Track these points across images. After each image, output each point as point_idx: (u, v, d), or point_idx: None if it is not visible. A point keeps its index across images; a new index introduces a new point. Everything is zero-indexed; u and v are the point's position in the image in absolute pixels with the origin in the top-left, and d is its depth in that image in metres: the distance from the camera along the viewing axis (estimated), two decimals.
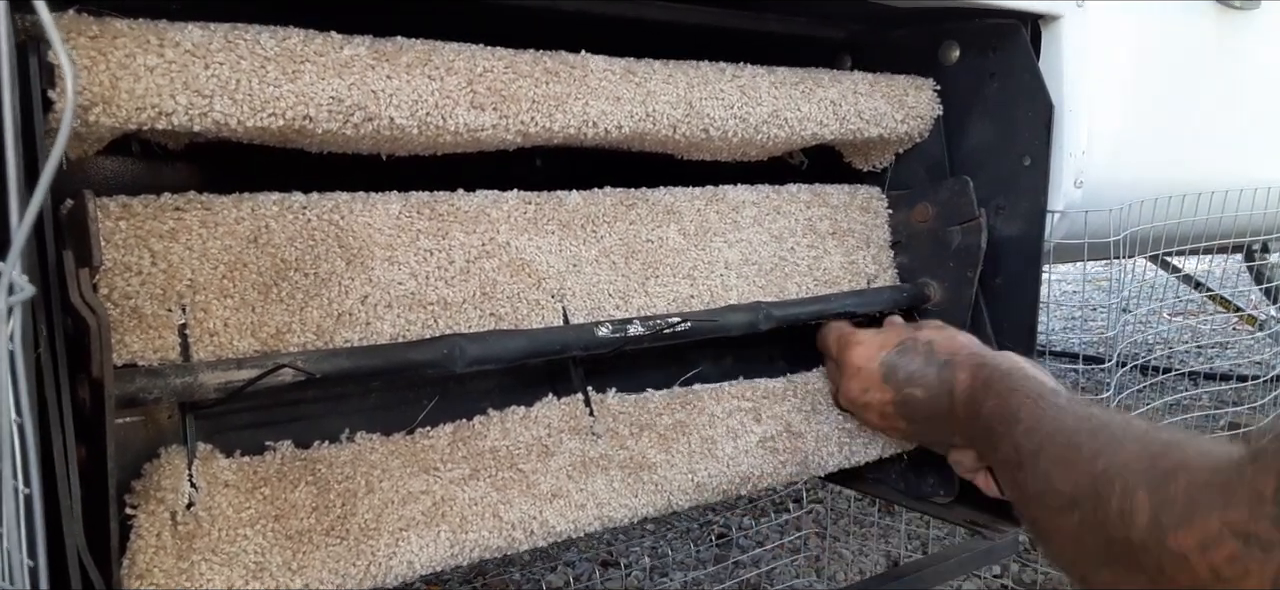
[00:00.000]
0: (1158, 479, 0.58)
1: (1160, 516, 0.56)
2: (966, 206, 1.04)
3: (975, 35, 1.05)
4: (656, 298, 0.93)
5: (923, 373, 0.90)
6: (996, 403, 0.81)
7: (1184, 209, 1.22)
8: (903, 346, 0.92)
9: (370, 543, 0.73)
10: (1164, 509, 0.56)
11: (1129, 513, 0.59)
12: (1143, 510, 0.58)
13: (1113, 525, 0.60)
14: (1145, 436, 0.65)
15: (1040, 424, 0.74)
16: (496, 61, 0.79)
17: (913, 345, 0.92)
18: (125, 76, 0.63)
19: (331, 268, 0.77)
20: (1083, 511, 0.64)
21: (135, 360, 0.68)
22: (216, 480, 0.71)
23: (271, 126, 0.69)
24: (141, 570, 0.65)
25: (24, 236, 0.32)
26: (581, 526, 0.83)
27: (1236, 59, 1.29)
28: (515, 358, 0.81)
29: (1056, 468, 0.69)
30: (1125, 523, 0.59)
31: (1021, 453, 0.74)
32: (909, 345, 0.92)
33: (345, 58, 0.72)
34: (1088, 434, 0.68)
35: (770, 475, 0.94)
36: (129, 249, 0.69)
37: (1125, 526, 0.59)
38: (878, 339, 0.95)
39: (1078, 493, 0.65)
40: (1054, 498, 0.68)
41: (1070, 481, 0.66)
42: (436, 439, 0.83)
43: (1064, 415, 0.73)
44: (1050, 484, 0.69)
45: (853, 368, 0.95)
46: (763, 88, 0.94)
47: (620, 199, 0.94)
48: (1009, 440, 0.76)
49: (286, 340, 0.74)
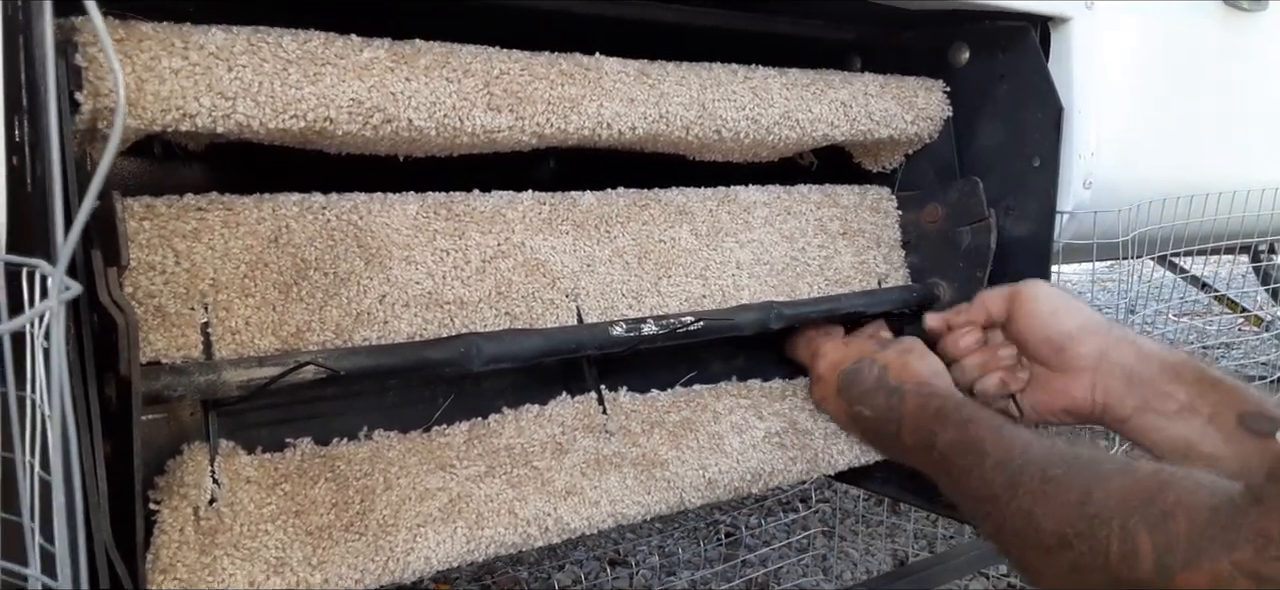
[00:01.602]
0: (1156, 519, 0.59)
1: (1164, 559, 0.57)
2: (976, 207, 1.05)
3: (985, 37, 1.06)
4: (669, 297, 0.94)
5: (872, 394, 0.91)
6: (955, 434, 0.81)
7: (1192, 210, 1.23)
8: (856, 365, 0.93)
9: (388, 538, 0.74)
10: (1168, 551, 0.57)
11: (1131, 556, 0.60)
12: (1146, 553, 0.59)
13: (1115, 567, 0.61)
14: (1127, 470, 0.65)
15: (1011, 456, 0.74)
16: (513, 64, 0.80)
17: (868, 365, 0.93)
18: (151, 79, 0.64)
19: (350, 267, 0.78)
20: (1077, 554, 0.64)
21: (159, 358, 0.69)
22: (238, 476, 0.72)
23: (293, 128, 0.70)
24: (165, 565, 0.66)
25: (75, 238, 0.33)
26: (596, 523, 0.84)
27: (1244, 60, 1.30)
28: (531, 357, 0.82)
29: (1038, 504, 0.69)
30: (1129, 565, 0.60)
31: (994, 486, 0.74)
32: (865, 365, 0.93)
33: (365, 60, 0.73)
34: (1063, 466, 0.69)
35: (781, 471, 0.95)
36: (153, 249, 0.70)
37: (1130, 569, 0.59)
38: (841, 350, 0.97)
39: (1070, 533, 0.65)
40: (1040, 536, 0.68)
41: (1056, 520, 0.66)
42: (453, 437, 0.84)
43: (1032, 447, 0.74)
44: (1033, 522, 0.69)
45: (816, 375, 0.98)
46: (774, 89, 0.95)
47: (633, 199, 0.95)
48: (976, 473, 0.77)
49: (306, 339, 0.75)
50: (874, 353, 0.94)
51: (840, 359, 0.95)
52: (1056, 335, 0.88)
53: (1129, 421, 0.85)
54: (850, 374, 0.94)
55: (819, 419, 1.01)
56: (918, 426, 0.86)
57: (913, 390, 0.88)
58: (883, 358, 0.93)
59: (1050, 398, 0.91)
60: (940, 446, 0.83)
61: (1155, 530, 0.59)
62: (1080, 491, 0.66)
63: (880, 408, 0.90)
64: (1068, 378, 0.89)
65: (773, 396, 1.02)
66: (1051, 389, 0.90)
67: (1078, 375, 0.88)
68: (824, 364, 0.97)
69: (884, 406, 0.90)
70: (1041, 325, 0.89)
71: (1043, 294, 0.91)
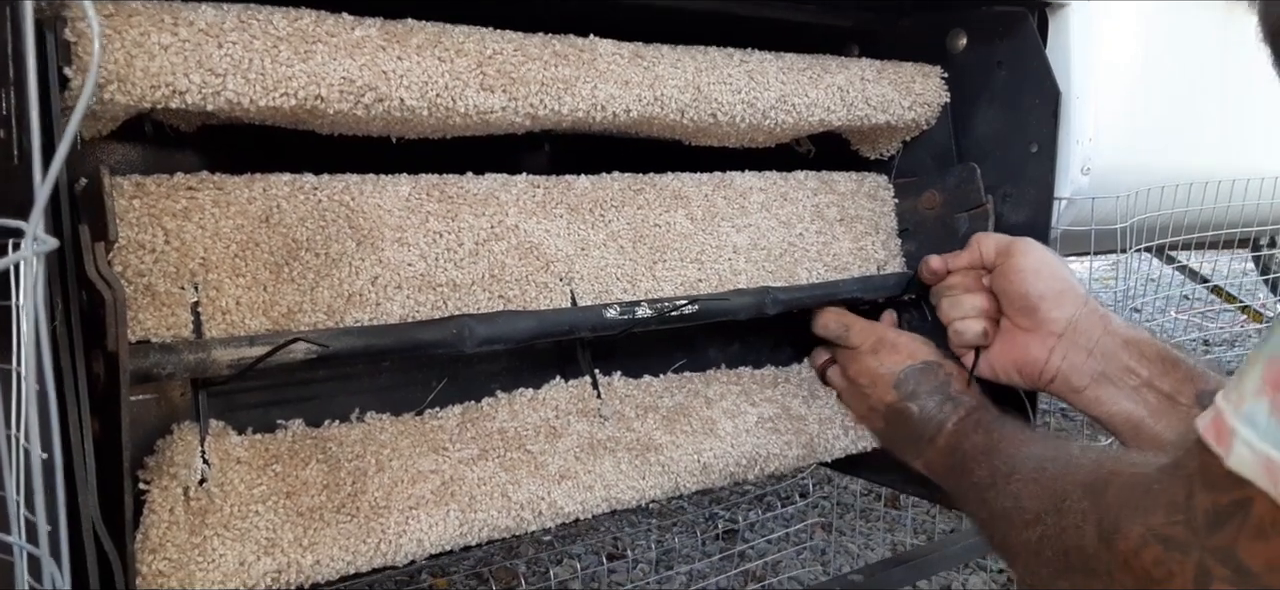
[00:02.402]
0: (1097, 489, 0.62)
1: (1103, 525, 0.60)
2: (974, 193, 1.04)
3: (983, 23, 1.05)
4: (664, 281, 0.93)
5: (928, 396, 0.94)
6: (982, 438, 0.86)
7: (1191, 198, 1.22)
8: (928, 366, 0.96)
9: (380, 520, 0.74)
10: (1104, 517, 0.60)
11: (1079, 525, 0.62)
12: (1090, 520, 0.61)
13: (1068, 535, 0.64)
14: (1099, 455, 0.69)
15: (1017, 452, 0.79)
16: (506, 44, 0.80)
17: (936, 369, 0.95)
18: (140, 55, 0.63)
19: (342, 248, 0.78)
20: (1045, 526, 0.68)
21: (149, 337, 0.68)
22: (229, 457, 0.71)
23: (284, 106, 0.70)
24: (155, 544, 0.65)
25: (47, 190, 0.33)
26: (590, 508, 0.84)
27: (1245, 47, 1.29)
28: (523, 338, 0.81)
29: (1026, 487, 0.73)
30: (1078, 533, 0.62)
31: (996, 475, 0.78)
32: (933, 368, 0.96)
33: (356, 39, 0.72)
34: (1051, 459, 0.73)
35: (777, 457, 0.95)
36: (143, 227, 0.70)
37: (1079, 536, 0.62)
38: (912, 347, 0.98)
39: (1042, 509, 0.69)
40: (1020, 515, 0.72)
41: (1037, 499, 0.70)
42: (445, 420, 0.84)
43: (1038, 445, 0.78)
44: (1018, 503, 0.73)
45: (877, 360, 0.97)
46: (770, 73, 0.95)
47: (628, 184, 0.95)
48: (985, 466, 0.81)
49: (298, 320, 0.75)
50: (941, 360, 0.97)
51: (911, 353, 0.97)
52: (1033, 295, 0.92)
53: (1083, 393, 0.89)
54: (919, 370, 0.95)
55: (813, 405, 1.01)
56: (957, 432, 0.90)
57: (967, 403, 0.92)
58: (949, 367, 0.96)
59: (1007, 353, 0.94)
60: (966, 448, 0.87)
61: (1095, 500, 0.62)
62: (1057, 475, 0.70)
63: (930, 409, 0.93)
64: (1031, 337, 0.92)
65: (767, 383, 1.01)
66: (1012, 344, 0.94)
67: (1042, 338, 0.91)
68: (891, 353, 0.97)
69: (935, 411, 0.93)
70: (1022, 282, 0.92)
71: (1033, 253, 0.93)
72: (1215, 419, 0.51)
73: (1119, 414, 0.87)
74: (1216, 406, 0.51)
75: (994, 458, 0.81)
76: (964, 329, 0.96)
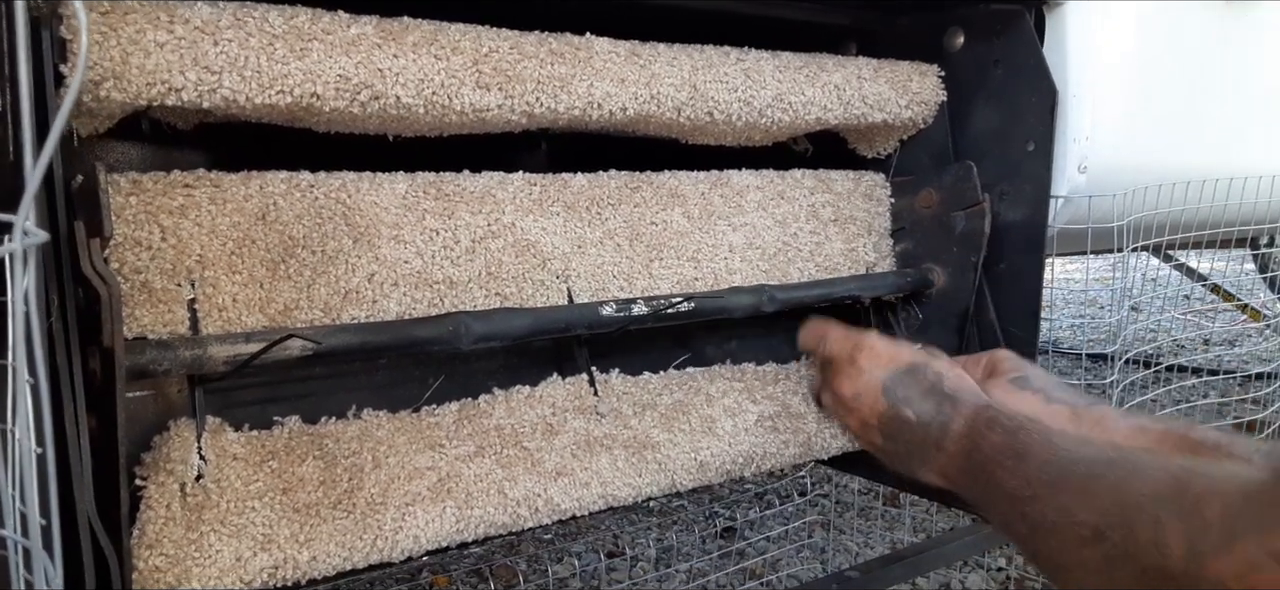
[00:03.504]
0: (1189, 506, 0.58)
1: (1196, 545, 0.56)
2: (970, 192, 1.04)
3: (980, 21, 1.05)
4: (660, 279, 0.94)
5: (922, 401, 0.88)
6: (1002, 439, 0.79)
7: (1188, 196, 1.22)
8: (913, 368, 0.90)
9: (377, 516, 0.74)
10: (1199, 537, 0.56)
11: (1162, 543, 0.58)
12: (1177, 539, 0.57)
13: (1145, 555, 0.59)
14: (1167, 464, 0.64)
15: (1056, 457, 0.72)
16: (502, 42, 0.80)
17: (923, 370, 0.90)
18: (136, 52, 0.63)
19: (339, 246, 0.78)
20: (1109, 544, 0.63)
21: (145, 334, 0.69)
22: (225, 453, 0.72)
23: (279, 104, 0.70)
24: (151, 540, 0.66)
25: (37, 180, 0.33)
26: (586, 504, 0.84)
27: (1243, 46, 1.29)
28: (520, 335, 0.82)
29: (1077, 499, 0.67)
30: (1160, 552, 0.58)
31: (1035, 485, 0.72)
32: (919, 369, 0.90)
33: (352, 36, 0.72)
34: (1105, 464, 0.67)
35: (774, 455, 0.95)
36: (139, 224, 0.70)
37: (1160, 556, 0.58)
38: (891, 350, 0.93)
39: (1104, 524, 0.64)
40: (1074, 529, 0.66)
41: (1094, 512, 0.65)
42: (442, 416, 0.84)
43: (1081, 448, 0.72)
44: (1070, 516, 0.67)
45: (857, 369, 0.93)
46: (767, 71, 0.95)
47: (625, 182, 0.95)
48: (1019, 475, 0.75)
49: (294, 317, 0.75)
50: (928, 360, 0.92)
51: (893, 357, 0.91)
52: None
53: None
54: (906, 373, 0.90)
55: (812, 403, 1.01)
56: (966, 434, 0.84)
57: (968, 399, 0.86)
58: (937, 366, 0.91)
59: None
60: (985, 449, 0.80)
61: (1188, 517, 0.57)
62: (1117, 484, 0.65)
63: (928, 413, 0.87)
64: None
65: (766, 380, 1.01)
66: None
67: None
68: (871, 358, 0.92)
69: (933, 413, 0.87)
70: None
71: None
72: None
73: None
74: None
75: (1027, 463, 0.74)
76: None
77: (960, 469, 0.84)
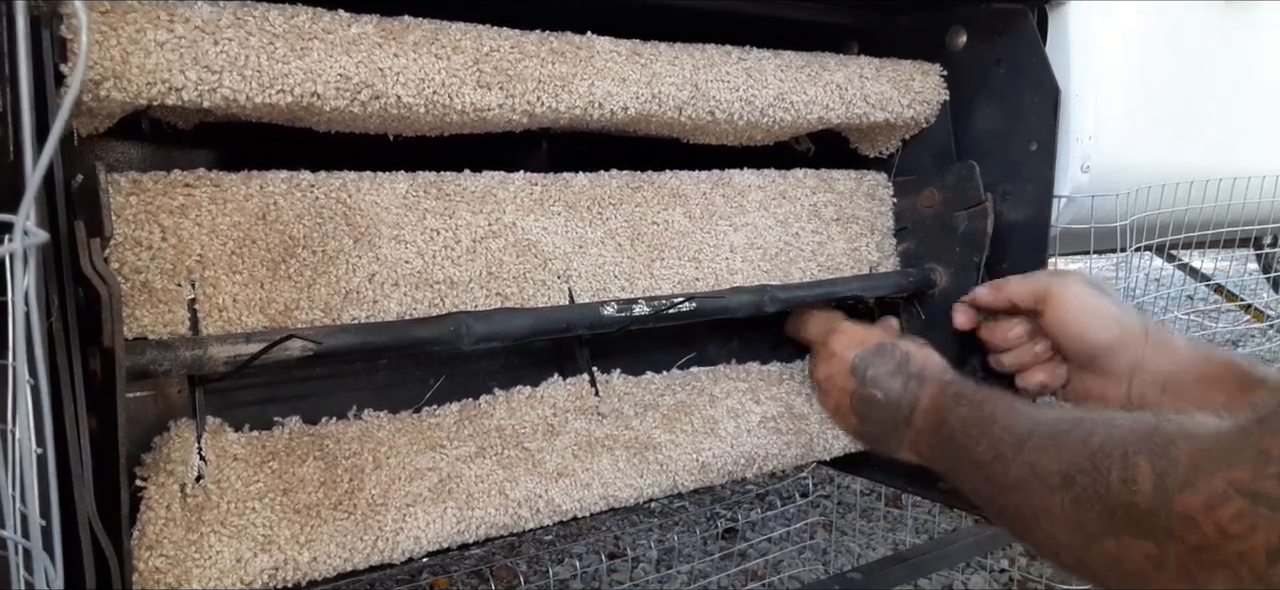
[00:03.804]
0: (1159, 446, 0.59)
1: (1164, 480, 0.57)
2: (973, 191, 1.04)
3: (982, 21, 1.05)
4: (662, 279, 0.93)
5: (889, 379, 0.92)
6: (968, 410, 0.82)
7: (1191, 196, 1.22)
8: (879, 349, 0.94)
9: (377, 517, 0.74)
10: (1168, 473, 0.57)
11: (1131, 480, 0.59)
12: (1146, 476, 0.58)
13: (1114, 494, 0.61)
14: (1136, 416, 0.66)
15: (1019, 421, 0.75)
16: (503, 41, 0.80)
17: (889, 350, 0.93)
18: (136, 51, 0.63)
19: (339, 245, 0.78)
20: (1078, 488, 0.64)
21: (146, 334, 0.68)
22: (225, 453, 0.71)
23: (280, 103, 0.70)
24: (151, 540, 0.65)
25: (37, 180, 0.33)
26: (587, 505, 0.84)
27: (1245, 46, 1.29)
28: (521, 336, 0.81)
29: (1043, 453, 0.70)
30: (1129, 489, 0.59)
31: (1000, 446, 0.75)
32: (886, 349, 0.94)
33: (353, 35, 0.72)
34: (1072, 422, 0.70)
35: (776, 456, 0.95)
36: (139, 224, 0.70)
37: (1129, 493, 0.59)
38: (860, 333, 0.97)
39: (1072, 469, 0.66)
40: (1041, 481, 0.69)
41: (1062, 461, 0.67)
42: (443, 417, 0.84)
43: (1043, 412, 0.75)
44: (1036, 469, 0.70)
45: (828, 352, 0.97)
46: (769, 70, 0.94)
47: (626, 181, 0.95)
48: (985, 442, 0.78)
49: (294, 317, 0.75)
50: (895, 339, 0.95)
51: (862, 338, 0.95)
52: (1091, 345, 0.89)
53: None
54: (873, 353, 0.93)
55: (814, 403, 1.01)
56: (933, 409, 0.87)
57: (934, 375, 0.89)
58: (904, 345, 0.94)
59: (1086, 395, 0.92)
60: (952, 423, 0.83)
61: (1156, 456, 0.59)
62: (1085, 434, 0.66)
63: (896, 391, 0.91)
64: (1103, 380, 0.90)
65: (769, 380, 1.01)
66: (1087, 388, 0.92)
67: (1113, 380, 0.89)
68: (841, 340, 0.96)
69: (900, 390, 0.90)
70: (1076, 334, 0.90)
71: (1075, 299, 0.91)
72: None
73: None
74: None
75: (992, 430, 0.77)
76: (1025, 382, 0.96)
77: (929, 443, 0.87)
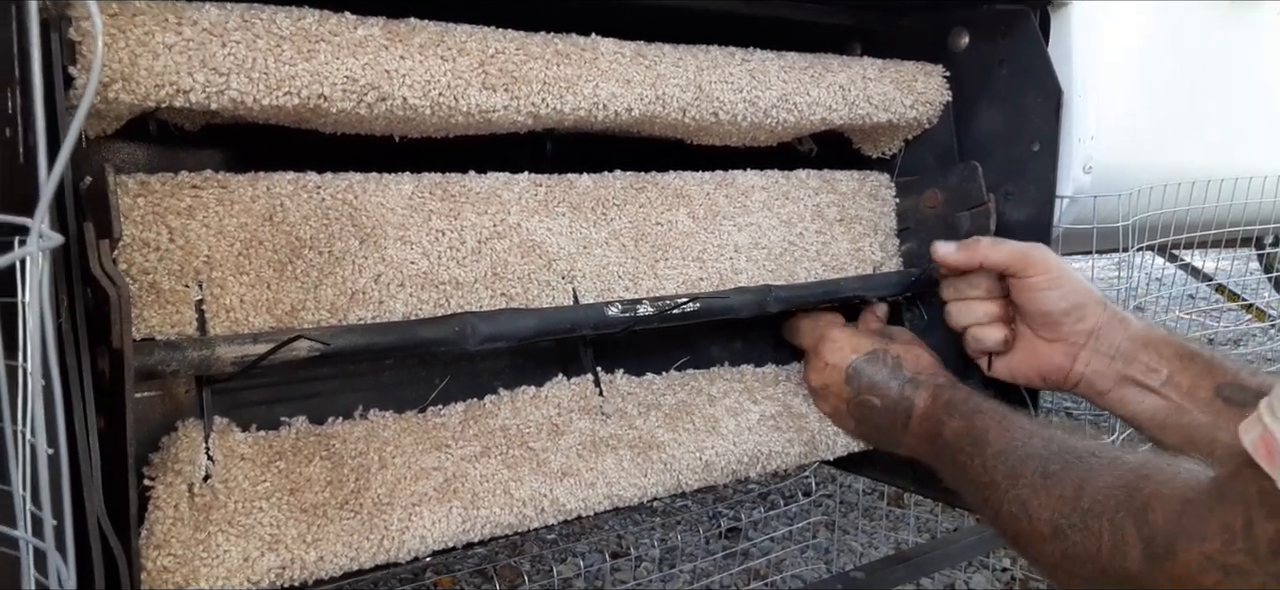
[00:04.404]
0: (1138, 511, 0.62)
1: (1151, 548, 0.60)
2: (975, 192, 1.04)
3: (984, 21, 1.05)
4: (666, 280, 0.94)
5: (885, 385, 0.94)
6: (961, 424, 0.85)
7: (1193, 196, 1.22)
8: (872, 356, 0.96)
9: (383, 517, 0.74)
10: (1153, 540, 0.60)
11: (1121, 547, 0.62)
12: (1134, 544, 0.61)
13: (1105, 557, 0.63)
14: (1115, 463, 0.68)
15: (1011, 447, 0.78)
16: (508, 43, 0.80)
17: (881, 357, 0.96)
18: (144, 54, 0.64)
19: (345, 246, 0.78)
20: (1070, 543, 0.67)
21: (154, 334, 0.69)
22: (233, 453, 0.72)
23: (287, 105, 0.70)
24: (159, 540, 0.66)
25: (52, 187, 0.33)
26: (592, 505, 0.84)
27: (1247, 46, 1.29)
28: (526, 336, 0.82)
29: (1034, 497, 0.72)
30: (1120, 555, 0.62)
31: (993, 475, 0.78)
32: (878, 356, 0.96)
33: (359, 38, 0.73)
34: (1060, 462, 0.72)
35: (778, 454, 0.95)
36: (147, 225, 0.70)
37: (1121, 559, 0.62)
38: (852, 340, 0.98)
39: (1064, 523, 0.68)
40: (1035, 526, 0.71)
41: (1051, 511, 0.70)
42: (448, 417, 0.84)
43: (1032, 440, 0.77)
44: (1028, 513, 0.72)
45: (821, 361, 0.99)
46: (772, 72, 0.95)
47: (630, 182, 0.95)
48: (979, 462, 0.80)
49: (301, 317, 0.75)
50: (886, 345, 0.97)
51: (854, 346, 0.97)
52: (1056, 312, 0.92)
53: (1107, 395, 0.90)
54: (865, 362, 0.96)
55: (813, 403, 1.01)
56: (928, 416, 0.90)
57: (927, 381, 0.92)
58: (894, 349, 0.96)
59: (1030, 361, 0.95)
60: (946, 435, 0.86)
61: (1139, 523, 0.61)
62: (1074, 487, 0.69)
63: (892, 397, 0.93)
64: (1053, 347, 0.93)
65: (768, 380, 1.02)
66: (1034, 352, 0.95)
67: (1066, 348, 0.92)
68: (832, 349, 0.98)
69: (897, 396, 0.93)
70: (1043, 299, 0.92)
71: (1049, 268, 0.93)
72: (1264, 437, 0.50)
73: (1143, 413, 0.88)
74: (1263, 423, 0.50)
75: (984, 451, 0.80)
76: (982, 336, 0.97)
77: (927, 450, 0.91)
